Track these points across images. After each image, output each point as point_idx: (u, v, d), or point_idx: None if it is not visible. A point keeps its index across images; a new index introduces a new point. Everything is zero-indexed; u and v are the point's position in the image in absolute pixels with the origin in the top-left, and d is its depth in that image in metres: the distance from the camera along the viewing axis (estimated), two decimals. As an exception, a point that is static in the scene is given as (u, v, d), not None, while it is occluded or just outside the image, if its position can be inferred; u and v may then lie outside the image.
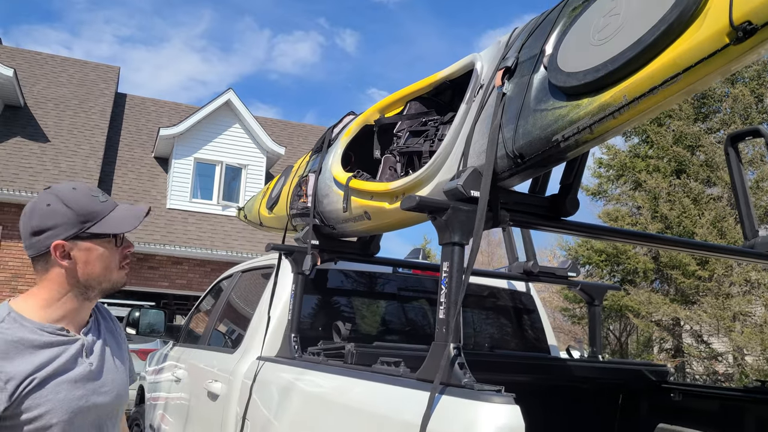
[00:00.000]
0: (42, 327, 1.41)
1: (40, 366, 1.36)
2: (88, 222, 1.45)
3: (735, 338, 12.73)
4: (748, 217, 2.33)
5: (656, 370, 3.13)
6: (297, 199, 2.88)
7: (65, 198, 1.46)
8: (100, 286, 1.49)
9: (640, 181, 15.52)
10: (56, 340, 1.42)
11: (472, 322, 3.55)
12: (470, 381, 1.57)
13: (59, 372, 1.39)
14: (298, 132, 19.58)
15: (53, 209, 1.44)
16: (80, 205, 1.46)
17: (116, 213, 1.50)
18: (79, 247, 1.45)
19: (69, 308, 1.47)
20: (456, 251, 1.71)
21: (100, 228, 1.46)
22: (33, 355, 1.36)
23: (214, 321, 3.88)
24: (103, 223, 1.47)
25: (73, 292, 1.47)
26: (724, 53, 1.20)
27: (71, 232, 1.43)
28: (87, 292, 1.48)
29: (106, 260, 1.48)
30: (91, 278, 1.47)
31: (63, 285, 1.46)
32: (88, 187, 1.52)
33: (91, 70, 17.60)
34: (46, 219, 1.43)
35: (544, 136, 1.57)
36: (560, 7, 1.79)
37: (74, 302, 1.48)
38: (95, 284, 1.48)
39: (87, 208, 1.46)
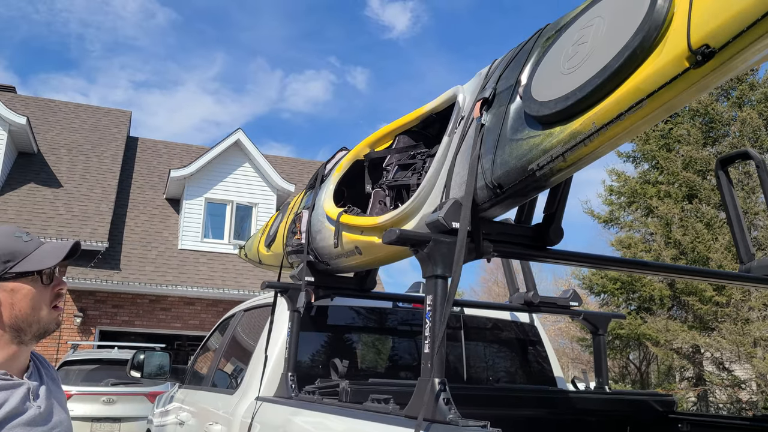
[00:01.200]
0: None
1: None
2: (10, 262, 1.41)
3: (757, 364, 12.43)
4: (743, 241, 2.30)
5: (663, 401, 3.05)
6: (292, 236, 2.89)
7: None
8: (30, 328, 1.45)
9: (651, 207, 15.42)
10: (6, 385, 1.39)
11: (478, 355, 3.50)
12: (455, 417, 1.54)
13: (11, 416, 1.37)
14: (308, 169, 19.74)
15: None
16: (2, 246, 1.43)
17: (40, 250, 1.47)
18: (3, 288, 1.42)
19: (8, 353, 1.44)
20: (439, 284, 1.69)
21: (22, 266, 1.42)
22: None
23: (217, 361, 3.86)
24: (26, 262, 1.43)
25: (7, 336, 1.43)
26: (685, 77, 1.19)
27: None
28: (20, 336, 1.44)
29: (33, 300, 1.44)
30: (20, 320, 1.43)
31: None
32: (11, 228, 1.49)
33: (103, 116, 17.95)
34: None
35: (520, 165, 1.57)
36: (535, 38, 1.81)
37: (11, 347, 1.44)
38: (25, 326, 1.44)
39: (9, 248, 1.43)
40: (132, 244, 14.29)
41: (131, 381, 8.30)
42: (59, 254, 1.47)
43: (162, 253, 14.37)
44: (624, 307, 16.12)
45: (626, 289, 15.84)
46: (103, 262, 13.32)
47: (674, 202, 15.14)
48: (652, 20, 1.26)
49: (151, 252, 14.32)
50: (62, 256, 1.46)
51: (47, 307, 1.47)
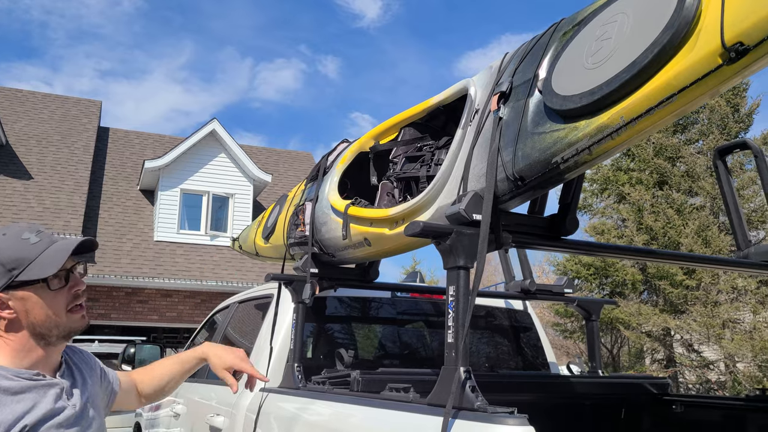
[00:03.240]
0: (17, 373, 1.36)
1: (24, 412, 1.32)
2: (15, 270, 1.35)
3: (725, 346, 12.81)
4: (740, 228, 2.38)
5: (657, 383, 3.15)
6: (294, 228, 2.89)
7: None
8: (51, 332, 1.40)
9: (623, 193, 15.71)
10: (33, 384, 1.37)
11: (473, 342, 3.56)
12: (483, 404, 1.58)
13: (47, 417, 1.35)
14: (283, 159, 19.62)
15: None
16: (7, 252, 1.36)
17: (44, 254, 1.39)
18: (15, 297, 1.37)
19: (37, 356, 1.41)
20: (461, 275, 1.72)
21: (26, 275, 1.36)
22: (13, 403, 1.31)
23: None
24: (30, 269, 1.36)
25: (33, 341, 1.40)
26: (717, 73, 1.24)
27: (2, 283, 1.35)
28: (45, 339, 1.41)
29: (46, 307, 1.38)
30: (38, 327, 1.39)
31: (19, 335, 1.39)
32: (20, 229, 1.42)
33: (72, 105, 17.57)
34: None
35: (544, 158, 1.60)
36: (551, 32, 1.84)
37: (39, 350, 1.41)
38: (45, 331, 1.40)
39: (13, 255, 1.36)
40: (106, 236, 14.07)
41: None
42: (62, 257, 1.38)
43: (137, 246, 14.18)
44: (597, 291, 16.44)
45: (599, 274, 16.15)
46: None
47: (645, 188, 15.45)
48: (682, 17, 1.30)
49: (126, 244, 14.12)
50: (63, 260, 1.38)
51: (63, 311, 1.41)
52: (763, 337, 12.14)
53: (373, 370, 2.60)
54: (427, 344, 3.39)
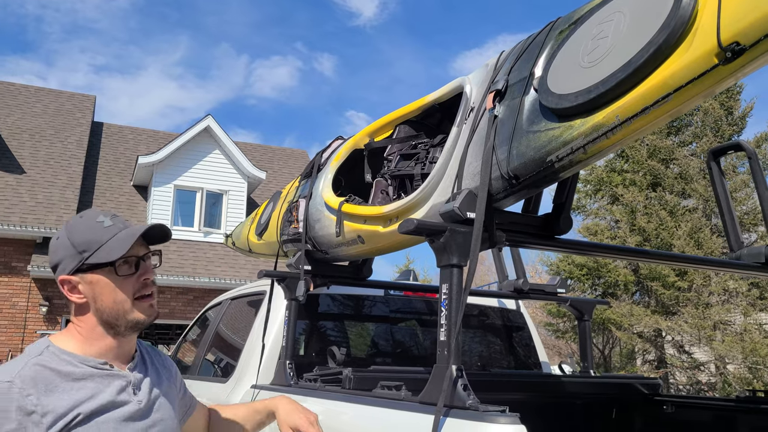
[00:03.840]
0: (83, 360, 1.32)
1: (80, 400, 1.27)
2: (86, 252, 1.33)
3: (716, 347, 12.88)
4: (733, 229, 2.38)
5: (648, 383, 3.16)
6: (288, 225, 2.88)
7: (68, 228, 1.37)
8: (118, 321, 1.36)
9: (617, 195, 15.76)
10: (97, 372, 1.32)
11: (466, 341, 3.55)
12: (474, 402, 1.57)
13: (106, 408, 1.30)
14: (278, 156, 19.58)
15: (59, 243, 1.37)
16: (79, 235, 1.35)
17: (115, 238, 1.35)
18: (85, 281, 1.35)
19: (106, 344, 1.37)
20: (455, 273, 1.72)
21: (96, 258, 1.33)
22: (72, 389, 1.27)
23: (203, 350, 3.84)
24: (100, 252, 1.33)
25: (102, 329, 1.36)
26: (713, 73, 1.24)
27: (73, 266, 1.34)
28: (114, 328, 1.37)
29: (112, 293, 1.35)
30: (106, 313, 1.35)
31: (89, 321, 1.36)
32: (95, 213, 1.40)
33: (66, 100, 17.47)
34: (55, 253, 1.37)
35: (539, 157, 1.60)
36: (546, 31, 1.84)
37: (108, 339, 1.37)
38: (113, 320, 1.36)
39: (85, 237, 1.34)
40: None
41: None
42: (129, 242, 1.34)
43: (130, 241, 14.10)
44: (590, 292, 16.49)
45: (592, 274, 16.20)
46: (69, 250, 13.03)
47: (639, 190, 15.51)
48: (678, 17, 1.30)
49: (119, 240, 14.05)
50: (130, 244, 1.34)
51: (129, 299, 1.36)
52: (753, 339, 12.21)
53: (366, 367, 2.60)
54: (419, 342, 3.39)
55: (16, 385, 1.21)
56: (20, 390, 1.21)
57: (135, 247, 1.36)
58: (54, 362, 1.29)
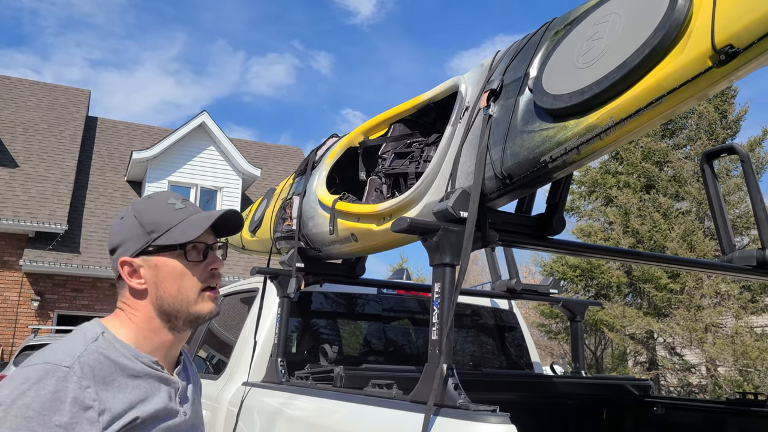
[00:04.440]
0: (137, 355, 1.18)
1: (136, 401, 1.14)
2: (155, 233, 1.23)
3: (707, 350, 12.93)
4: (725, 232, 2.39)
5: (639, 385, 3.17)
6: (281, 222, 2.88)
7: (137, 209, 1.27)
8: (178, 312, 1.23)
9: (611, 196, 15.80)
10: (152, 373, 1.19)
11: (458, 341, 3.56)
12: (465, 401, 1.57)
13: (159, 416, 1.17)
14: (273, 153, 19.54)
15: (124, 223, 1.26)
16: (149, 214, 1.25)
17: (187, 220, 1.25)
18: (148, 264, 1.23)
19: (160, 340, 1.24)
20: (447, 272, 1.72)
21: (166, 239, 1.22)
22: (129, 387, 1.14)
23: (195, 347, 3.83)
24: (171, 233, 1.23)
25: (159, 321, 1.23)
26: (707, 76, 1.24)
27: (138, 247, 1.23)
28: (171, 321, 1.24)
29: (178, 279, 1.23)
30: (167, 302, 1.23)
31: (144, 311, 1.23)
32: (167, 194, 1.30)
33: (60, 94, 17.39)
34: (118, 234, 1.26)
35: (532, 157, 1.60)
36: (542, 31, 1.84)
37: (164, 333, 1.24)
38: (172, 310, 1.23)
39: (156, 217, 1.24)
40: (92, 227, 13.95)
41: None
42: (203, 224, 1.24)
43: (123, 237, 14.06)
44: (583, 293, 16.54)
45: (585, 276, 16.25)
46: (62, 245, 12.99)
47: (633, 192, 15.55)
48: (673, 19, 1.30)
49: (112, 235, 14.00)
50: (205, 227, 1.23)
51: (196, 288, 1.24)
52: (744, 341, 12.27)
53: (358, 366, 2.60)
54: (412, 341, 3.39)
55: (75, 373, 1.07)
56: (79, 379, 1.07)
57: (205, 233, 1.25)
58: (111, 351, 1.15)
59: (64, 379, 1.05)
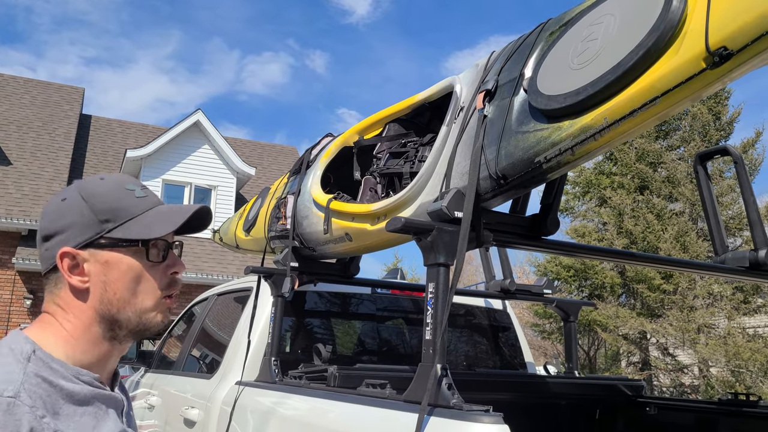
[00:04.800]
0: (77, 374, 0.97)
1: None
2: (110, 222, 1.01)
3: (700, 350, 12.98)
4: (718, 233, 2.40)
5: (631, 385, 3.18)
6: (275, 221, 2.87)
7: (86, 190, 1.03)
8: (126, 322, 1.02)
9: (605, 197, 15.85)
10: (99, 395, 0.99)
11: (452, 341, 3.56)
12: (459, 401, 1.58)
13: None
14: (268, 152, 19.51)
15: (68, 205, 1.02)
16: (104, 199, 1.02)
17: (154, 212, 1.05)
18: (97, 259, 1.01)
19: (99, 352, 1.02)
20: (441, 272, 1.72)
21: (125, 231, 1.01)
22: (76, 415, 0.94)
23: (188, 346, 3.82)
24: (131, 225, 1.02)
25: (99, 329, 1.01)
26: (701, 77, 1.25)
27: (87, 237, 1.00)
28: (114, 331, 1.02)
29: (135, 282, 1.02)
30: (115, 308, 1.01)
31: (83, 316, 1.01)
32: (122, 178, 1.08)
33: (54, 92, 17.31)
34: (58, 218, 1.02)
35: (527, 157, 1.60)
36: (537, 32, 1.84)
37: (103, 345, 1.02)
38: (120, 319, 1.02)
39: (113, 203, 1.02)
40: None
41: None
42: (176, 220, 1.04)
43: (117, 235, 14.02)
44: (577, 293, 16.59)
45: (579, 276, 16.29)
46: (54, 243, 12.93)
47: (627, 192, 15.61)
48: (668, 20, 1.30)
49: (106, 233, 13.96)
50: (180, 223, 1.04)
51: (156, 294, 1.04)
52: (736, 342, 12.33)
53: (351, 365, 2.60)
54: (406, 341, 3.39)
55: (24, 402, 0.87)
56: (32, 409, 0.88)
57: None
58: (49, 374, 0.94)
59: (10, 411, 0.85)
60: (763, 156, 14.40)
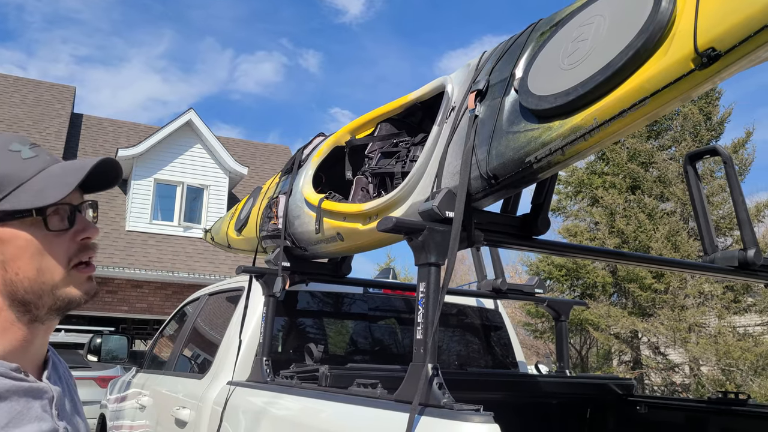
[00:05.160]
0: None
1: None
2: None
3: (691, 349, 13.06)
4: (708, 233, 2.42)
5: (622, 384, 3.19)
6: (267, 221, 2.87)
7: None
8: (40, 300, 0.91)
9: (597, 197, 15.91)
10: (17, 387, 0.87)
11: (444, 340, 3.57)
12: (449, 401, 1.58)
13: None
14: (260, 152, 19.47)
15: None
16: None
17: (47, 173, 0.91)
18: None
19: (15, 338, 0.91)
20: (432, 271, 1.72)
21: (13, 201, 0.88)
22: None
23: (180, 346, 3.81)
24: (20, 194, 0.88)
25: (11, 313, 0.90)
26: (689, 78, 1.25)
27: None
28: (31, 312, 0.91)
29: (37, 257, 0.89)
30: (22, 288, 0.89)
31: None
32: (9, 138, 0.94)
33: (45, 90, 17.22)
34: None
35: (518, 157, 1.61)
36: (528, 32, 1.84)
37: (18, 329, 0.91)
38: (32, 298, 0.90)
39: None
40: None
41: (79, 365, 8.09)
42: (71, 180, 0.90)
43: (108, 234, 13.97)
44: (568, 293, 16.65)
45: (571, 275, 16.35)
46: (45, 242, 12.86)
47: (618, 192, 15.68)
48: (657, 21, 1.31)
49: (97, 233, 13.89)
50: (75, 183, 0.90)
51: (62, 267, 0.91)
52: (727, 341, 12.40)
53: (343, 365, 2.60)
54: (398, 341, 3.39)
55: None
56: None
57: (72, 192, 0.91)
58: None
59: None
60: (754, 156, 14.52)
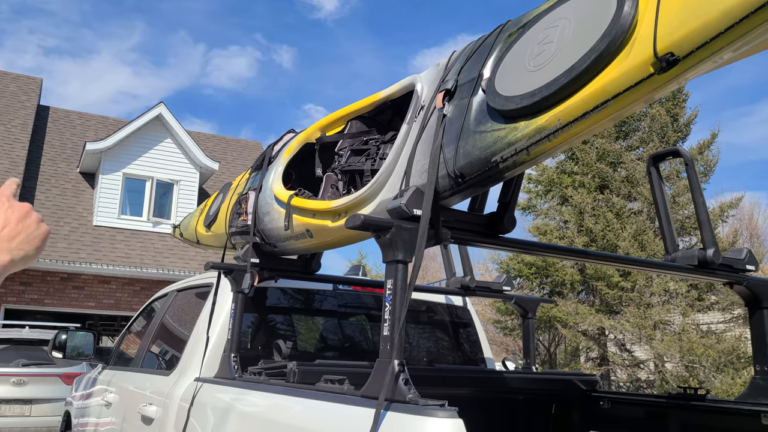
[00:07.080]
0: None
1: None
2: None
3: (656, 346, 13.34)
4: (669, 233, 2.48)
5: (586, 380, 3.25)
6: (236, 217, 2.85)
7: None
8: None
9: (566, 196, 16.13)
10: None
11: (412, 336, 3.59)
12: (415, 396, 1.60)
13: None
14: (232, 147, 19.30)
15: None
16: None
17: None
18: None
19: None
20: (400, 269, 1.74)
21: None
22: None
23: (147, 342, 3.77)
24: None
25: None
26: (649, 82, 1.29)
27: None
28: None
29: None
30: None
31: None
32: None
33: (11, 81, 16.82)
34: None
35: (484, 156, 1.63)
36: (496, 33, 1.87)
37: None
38: None
39: None
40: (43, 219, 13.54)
41: (44, 362, 7.95)
42: None
43: (75, 229, 13.72)
44: (538, 290, 16.86)
45: (540, 273, 16.56)
46: (9, 237, 12.57)
47: (587, 191, 15.92)
48: (619, 26, 1.34)
49: (64, 228, 13.64)
50: None
51: None
52: (690, 338, 12.69)
53: (312, 362, 2.60)
54: (367, 337, 3.40)
55: None
56: None
57: None
58: None
59: None
60: (719, 157, 14.85)
